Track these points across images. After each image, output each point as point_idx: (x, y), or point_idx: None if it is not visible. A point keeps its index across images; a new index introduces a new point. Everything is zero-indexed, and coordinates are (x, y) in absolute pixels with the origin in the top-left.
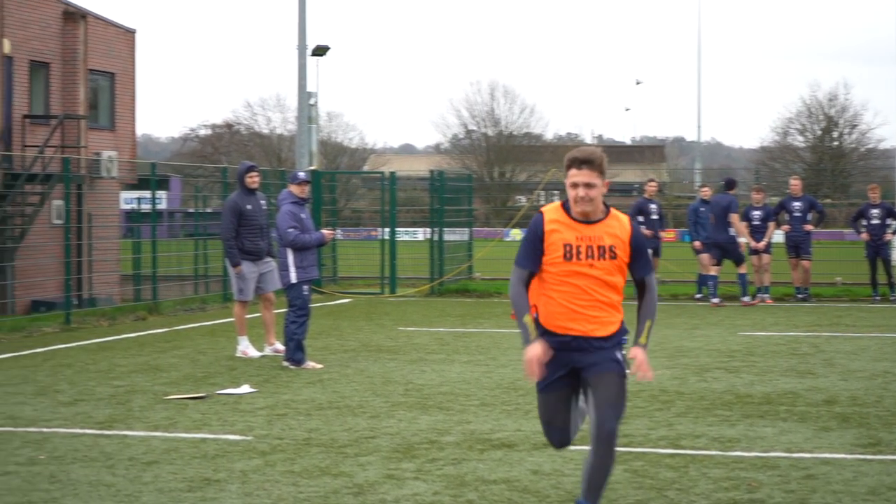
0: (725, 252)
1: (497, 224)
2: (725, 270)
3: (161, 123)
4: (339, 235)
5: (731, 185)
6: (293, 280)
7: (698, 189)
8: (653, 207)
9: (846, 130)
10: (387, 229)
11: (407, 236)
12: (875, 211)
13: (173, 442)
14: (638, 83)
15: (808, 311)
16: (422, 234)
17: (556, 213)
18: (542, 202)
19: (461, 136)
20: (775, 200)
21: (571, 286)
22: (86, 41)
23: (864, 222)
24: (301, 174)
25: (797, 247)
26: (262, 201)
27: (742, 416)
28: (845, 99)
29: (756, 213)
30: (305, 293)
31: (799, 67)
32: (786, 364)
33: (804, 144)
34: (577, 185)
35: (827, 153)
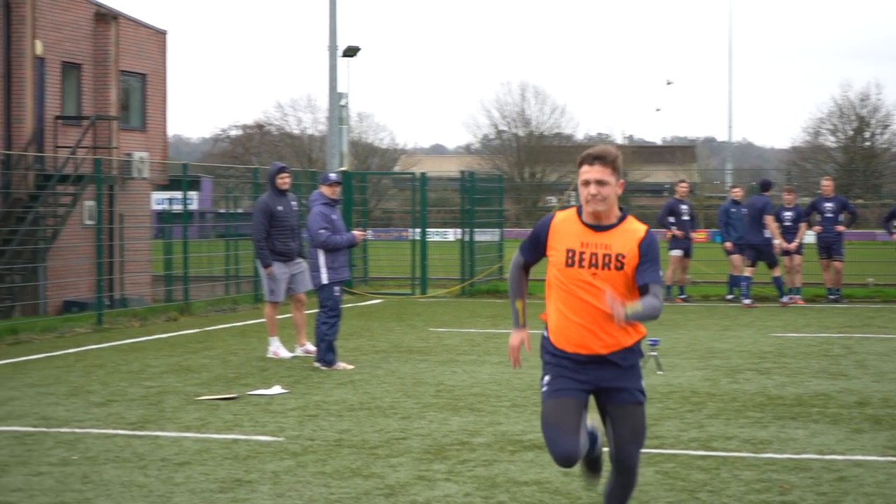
0: (760, 254)
1: (528, 224)
2: (759, 272)
3: (192, 124)
4: (370, 236)
5: (767, 186)
6: (324, 281)
7: (729, 189)
8: (684, 208)
9: (878, 130)
10: (417, 230)
11: (437, 237)
12: None
13: (205, 443)
14: (669, 83)
15: (840, 313)
16: (452, 235)
17: (567, 215)
18: (573, 203)
19: (492, 137)
20: (807, 201)
21: (577, 300)
22: (117, 42)
23: None
24: (332, 175)
25: (829, 248)
26: (294, 202)
27: (774, 417)
28: (877, 99)
29: (787, 214)
30: (337, 294)
31: (830, 67)
32: (817, 365)
33: (836, 145)
34: (588, 183)
35: (858, 153)
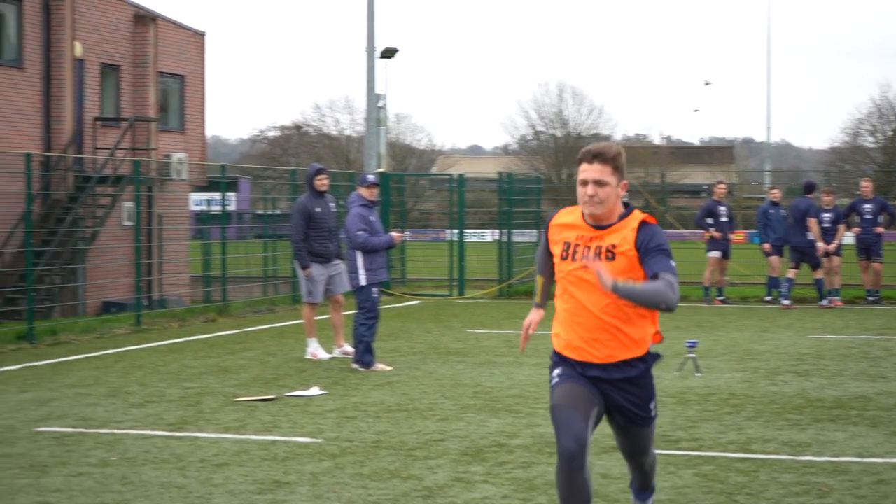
0: (803, 256)
1: None
2: (800, 274)
3: (230, 125)
4: (408, 237)
5: (811, 188)
6: (362, 282)
7: (768, 191)
8: (722, 209)
9: None
10: (455, 231)
11: (475, 238)
12: None
13: (244, 444)
14: (707, 84)
15: (879, 314)
16: (490, 236)
17: (572, 210)
18: None
19: (529, 138)
20: (846, 202)
21: (574, 301)
22: (156, 44)
23: None
24: (370, 177)
25: (868, 249)
26: (332, 204)
27: (812, 420)
28: None
29: (826, 216)
30: (375, 295)
31: (869, 67)
32: (857, 368)
33: (875, 145)
34: (585, 183)
35: None
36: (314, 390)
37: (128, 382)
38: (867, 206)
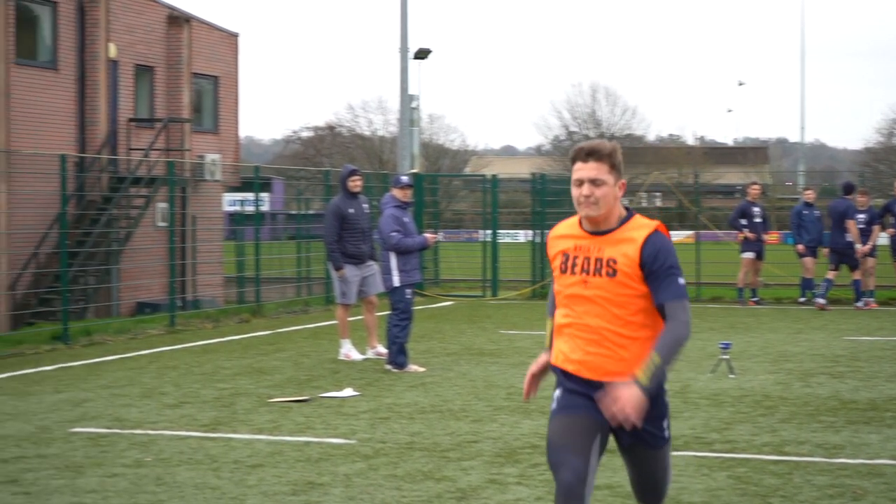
0: (842, 257)
1: None
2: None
3: (264, 126)
4: (441, 238)
5: (849, 189)
6: (396, 283)
7: (802, 191)
8: (756, 210)
9: None
10: (488, 232)
11: (508, 238)
12: None
13: (277, 445)
14: (740, 84)
15: None
16: (523, 237)
17: (570, 221)
18: (644, 204)
19: (562, 138)
20: (880, 203)
21: (575, 315)
22: (190, 45)
23: None
24: (404, 178)
25: None
26: (365, 205)
27: (847, 422)
28: None
29: (860, 216)
30: (408, 296)
31: None
32: (891, 369)
33: None
34: (580, 183)
35: None
36: (347, 391)
37: (162, 383)
38: None
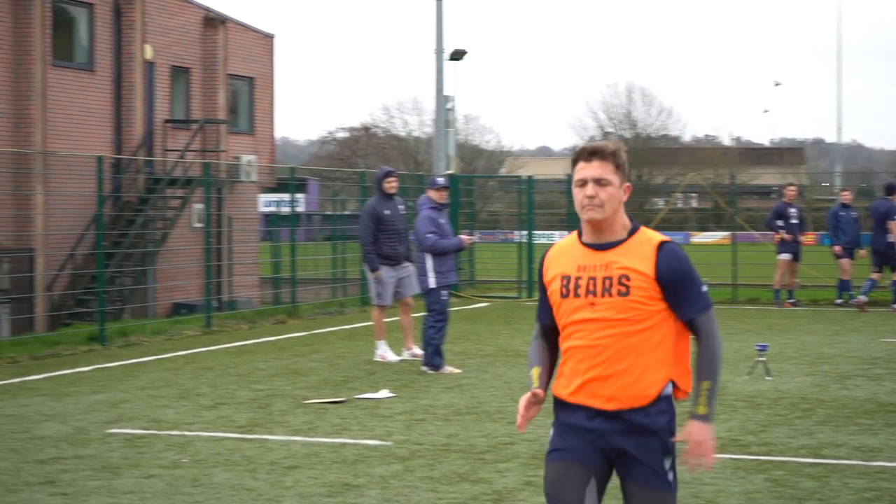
0: (884, 258)
1: None
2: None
3: (299, 127)
4: (477, 239)
5: (892, 189)
6: (432, 285)
7: (838, 192)
8: (792, 211)
9: None
10: (524, 232)
11: (544, 239)
12: None
13: (313, 446)
14: (777, 84)
15: None
16: (559, 238)
17: (566, 241)
18: (680, 205)
19: (598, 139)
20: None
21: (578, 341)
22: (225, 46)
23: None
24: (440, 180)
25: None
26: (401, 206)
27: (884, 424)
28: None
29: None
30: (444, 298)
31: None
32: None
33: None
34: (584, 183)
35: None
36: (383, 393)
37: (198, 384)
38: None
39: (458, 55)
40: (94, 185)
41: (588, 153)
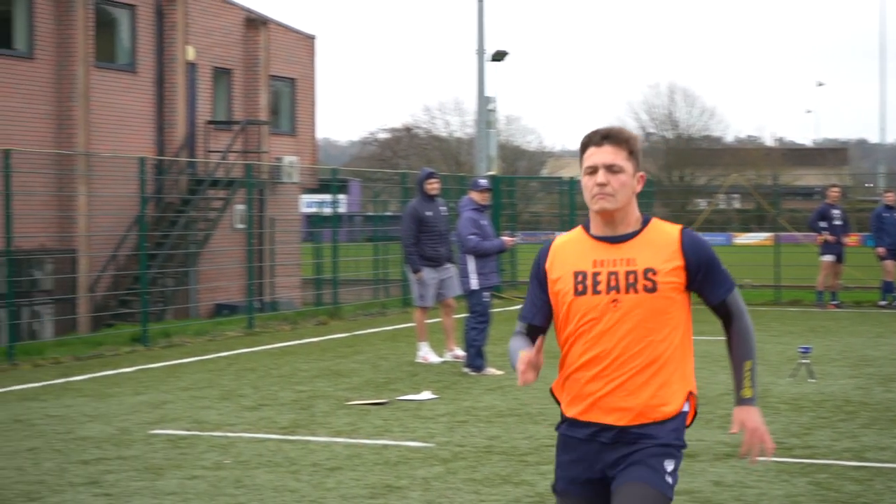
0: None
1: None
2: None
3: (341, 127)
4: (519, 240)
5: None
6: (474, 286)
7: (882, 193)
8: (836, 213)
9: None
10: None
11: None
12: None
13: (356, 448)
14: (819, 84)
15: None
16: None
17: (571, 235)
18: (722, 206)
19: (639, 139)
20: None
21: (591, 343)
22: (267, 47)
23: None
24: (482, 182)
25: None
26: (442, 208)
27: None
28: None
29: None
30: (486, 299)
31: None
32: None
33: None
34: (594, 170)
35: None
36: (425, 394)
37: (240, 385)
38: None
39: (499, 56)
40: (137, 186)
41: (600, 137)
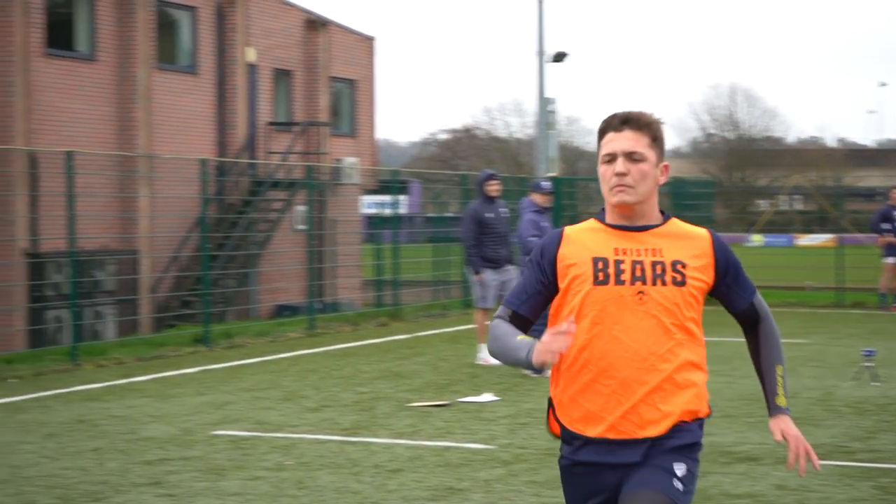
0: None
1: (738, 229)
2: None
3: (400, 128)
4: None
5: None
6: None
7: None
8: None
9: None
10: None
11: None
12: None
13: (417, 450)
14: (882, 84)
15: None
16: None
17: (585, 224)
18: (784, 207)
19: (700, 140)
20: None
21: (608, 339)
22: (327, 49)
23: None
24: (544, 183)
25: None
26: (503, 209)
27: None
28: None
29: None
30: None
31: None
32: None
33: None
34: (612, 158)
35: None
36: (487, 396)
37: (302, 386)
38: None
39: (559, 57)
40: (198, 187)
41: (619, 121)
